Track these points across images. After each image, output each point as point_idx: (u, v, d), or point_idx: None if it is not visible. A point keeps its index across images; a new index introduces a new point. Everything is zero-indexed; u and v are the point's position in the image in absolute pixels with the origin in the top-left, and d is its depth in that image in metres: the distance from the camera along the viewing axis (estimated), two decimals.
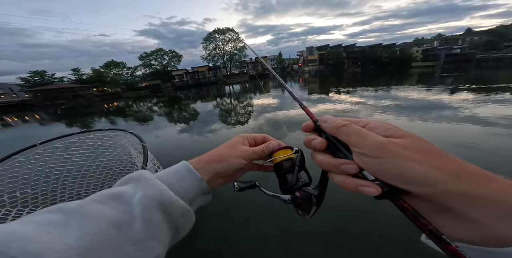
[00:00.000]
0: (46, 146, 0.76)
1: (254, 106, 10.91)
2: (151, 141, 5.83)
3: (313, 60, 66.27)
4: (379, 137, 0.21)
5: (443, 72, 26.70)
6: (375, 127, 0.23)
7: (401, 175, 0.19)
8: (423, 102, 7.69)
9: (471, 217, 0.17)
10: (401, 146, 0.19)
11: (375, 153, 0.20)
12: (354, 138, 0.22)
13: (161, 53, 51.69)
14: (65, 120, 13.44)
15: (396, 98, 9.00)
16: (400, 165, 0.19)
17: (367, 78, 24.36)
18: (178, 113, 11.33)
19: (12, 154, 0.70)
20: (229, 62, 56.72)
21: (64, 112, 19.95)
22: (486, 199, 0.16)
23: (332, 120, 0.26)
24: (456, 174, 0.17)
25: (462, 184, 0.17)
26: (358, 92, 11.85)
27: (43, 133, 9.89)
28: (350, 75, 32.79)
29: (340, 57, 63.95)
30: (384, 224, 1.85)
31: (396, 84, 14.49)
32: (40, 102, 33.56)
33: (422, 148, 0.19)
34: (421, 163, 0.18)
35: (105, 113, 15.87)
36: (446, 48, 61.83)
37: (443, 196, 0.17)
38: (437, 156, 0.19)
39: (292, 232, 1.88)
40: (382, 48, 65.37)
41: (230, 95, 18.96)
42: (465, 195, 0.17)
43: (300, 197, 0.28)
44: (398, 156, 0.19)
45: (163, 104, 17.91)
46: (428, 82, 14.90)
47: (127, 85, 49.09)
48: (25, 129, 11.89)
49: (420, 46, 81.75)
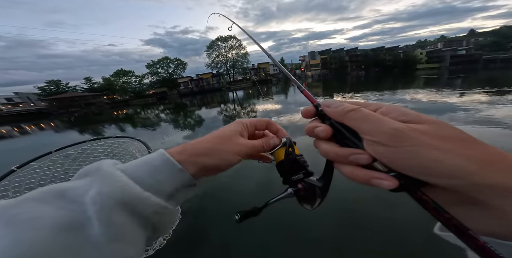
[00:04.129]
0: (61, 153, 0.81)
1: (257, 112, 10.99)
2: (157, 147, 5.94)
3: (315, 64, 66.78)
4: (396, 123, 0.18)
5: (450, 74, 26.10)
6: (389, 111, 0.20)
7: (423, 166, 0.16)
8: (432, 105, 7.49)
9: (505, 210, 0.15)
10: (422, 133, 0.17)
11: (392, 141, 0.17)
12: (365, 124, 0.19)
13: (167, 62, 53.60)
14: (78, 128, 13.99)
15: (403, 101, 8.84)
16: (422, 154, 0.16)
17: (371, 82, 24.15)
18: (183, 120, 11.56)
19: (29, 160, 0.74)
20: (232, 69, 57.98)
21: (77, 119, 20.81)
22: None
23: (338, 104, 0.22)
24: (487, 163, 0.15)
25: (493, 175, 0.15)
26: (363, 95, 11.74)
27: (58, 140, 10.30)
28: (354, 79, 32.64)
29: (343, 61, 64.15)
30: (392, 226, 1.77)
31: (403, 87, 14.27)
32: (55, 110, 35.27)
33: (448, 134, 0.17)
34: (447, 152, 0.16)
35: (115, 120, 16.43)
36: (451, 49, 61.21)
37: (475, 188, 0.15)
38: (468, 143, 0.16)
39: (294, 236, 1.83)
40: (385, 51, 65.04)
41: (234, 102, 19.21)
42: (502, 187, 0.15)
43: (303, 189, 0.27)
44: (420, 144, 0.16)
45: (169, 111, 18.36)
46: (436, 85, 14.57)
47: (135, 93, 50.88)
48: (42, 136, 12.44)
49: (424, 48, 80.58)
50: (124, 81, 50.44)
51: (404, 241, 1.65)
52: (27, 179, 0.67)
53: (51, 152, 0.77)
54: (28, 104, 50.05)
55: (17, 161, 0.68)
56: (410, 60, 60.67)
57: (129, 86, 51.23)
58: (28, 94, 53.39)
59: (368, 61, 61.86)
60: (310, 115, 0.26)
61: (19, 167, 0.70)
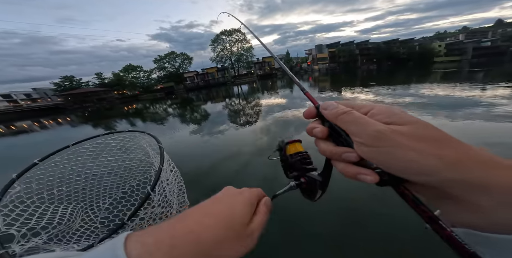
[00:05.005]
0: (77, 147, 0.85)
1: (262, 106, 10.91)
2: (165, 141, 6.11)
3: (323, 58, 64.38)
4: (379, 125, 0.20)
5: (471, 67, 24.35)
6: (378, 113, 0.21)
7: (400, 165, 0.18)
8: (450, 100, 7.08)
9: (473, 204, 0.17)
10: (401, 134, 0.19)
11: (374, 142, 0.19)
12: (354, 126, 0.21)
13: (173, 56, 53.70)
14: (92, 122, 14.62)
15: (418, 95, 8.40)
16: (399, 155, 0.18)
17: (383, 75, 23.08)
18: (190, 115, 11.73)
19: (49, 154, 0.79)
20: (237, 63, 57.19)
21: (91, 114, 21.71)
22: (488, 186, 0.16)
23: (333, 107, 0.24)
24: (456, 162, 0.17)
25: (461, 172, 0.16)
26: (374, 89, 11.27)
27: (74, 134, 10.86)
28: (365, 73, 31.32)
29: (353, 54, 61.27)
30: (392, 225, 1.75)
31: (417, 81, 13.53)
32: (71, 105, 36.91)
33: (424, 135, 0.18)
34: (421, 152, 0.17)
35: (125, 115, 16.98)
36: (473, 41, 56.29)
37: (444, 184, 0.17)
38: (441, 143, 0.18)
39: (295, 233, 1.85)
40: (398, 44, 61.08)
41: (239, 96, 19.13)
42: (466, 182, 0.16)
43: (305, 182, 0.30)
44: (397, 145, 0.18)
45: (176, 106, 18.65)
46: (455, 78, 13.70)
47: (144, 88, 51.93)
48: (60, 130, 13.15)
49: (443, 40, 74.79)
50: (133, 76, 51.47)
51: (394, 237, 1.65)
52: (48, 172, 0.73)
53: (69, 145, 0.81)
54: (46, 100, 52.64)
55: (39, 154, 0.73)
56: (427, 53, 57.11)
57: (138, 81, 52.27)
58: (45, 90, 56.00)
59: (380, 54, 58.69)
60: (311, 116, 0.27)
61: (41, 160, 0.75)
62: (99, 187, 1.00)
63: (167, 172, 0.80)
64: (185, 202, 0.90)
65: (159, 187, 0.64)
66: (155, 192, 0.60)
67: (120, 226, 0.53)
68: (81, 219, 0.88)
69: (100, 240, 0.49)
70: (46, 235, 0.64)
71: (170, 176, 0.81)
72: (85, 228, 0.84)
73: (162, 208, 0.77)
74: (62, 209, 0.82)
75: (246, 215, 0.25)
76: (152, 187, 0.58)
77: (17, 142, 10.63)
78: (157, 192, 0.64)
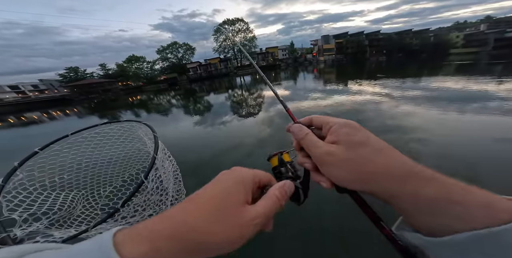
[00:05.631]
0: (76, 136, 0.86)
1: (264, 97, 10.76)
2: (169, 132, 6.19)
3: (329, 49, 61.62)
4: (321, 149, 0.25)
5: (491, 59, 22.97)
6: (333, 131, 0.26)
7: (333, 179, 0.25)
8: (462, 93, 6.79)
9: (402, 208, 0.21)
10: (333, 155, 0.24)
11: (318, 163, 0.26)
12: (307, 150, 0.28)
13: (175, 47, 53.00)
14: (98, 113, 14.88)
15: (428, 89, 8.09)
16: (332, 171, 0.25)
17: (393, 68, 22.14)
18: (193, 106, 11.74)
19: (49, 143, 0.80)
20: (240, 54, 55.93)
21: (97, 105, 22.05)
22: (396, 196, 0.20)
23: (296, 131, 0.30)
24: (368, 177, 0.22)
25: (370, 186, 0.22)
26: (382, 82, 10.89)
27: (81, 125, 11.09)
28: (373, 65, 30.09)
29: (362, 45, 58.23)
30: None
31: (429, 74, 12.94)
32: (77, 96, 37.43)
33: (351, 155, 0.23)
34: (344, 170, 0.23)
35: (130, 106, 17.16)
36: (496, 31, 52.15)
37: (371, 193, 0.22)
38: (364, 160, 0.22)
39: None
40: (412, 35, 57.56)
41: (241, 87, 18.88)
42: (375, 193, 0.22)
43: None
44: (330, 165, 0.24)
45: (180, 97, 18.65)
46: (470, 71, 13.00)
47: (148, 79, 51.80)
48: (69, 121, 13.48)
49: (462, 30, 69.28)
50: (137, 67, 51.23)
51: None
52: (49, 160, 0.75)
53: (68, 135, 0.82)
54: (53, 91, 53.45)
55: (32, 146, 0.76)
56: (442, 44, 54.01)
57: (142, 72, 52.08)
58: (51, 81, 56.58)
59: (391, 46, 55.70)
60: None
61: (41, 148, 0.77)
62: (99, 175, 1.03)
63: (163, 161, 0.81)
64: (181, 190, 0.91)
65: (152, 175, 0.65)
66: (148, 180, 0.61)
67: (114, 211, 0.55)
68: (82, 206, 0.91)
69: (95, 225, 0.51)
70: (47, 220, 0.66)
71: (166, 165, 0.82)
72: (85, 214, 0.88)
73: (160, 195, 0.79)
74: (63, 196, 0.85)
75: (237, 193, 0.21)
76: (146, 175, 0.59)
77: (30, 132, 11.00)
78: (151, 180, 0.65)
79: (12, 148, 6.85)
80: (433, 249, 0.19)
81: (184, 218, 0.19)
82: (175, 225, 0.18)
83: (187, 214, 0.19)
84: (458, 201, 0.17)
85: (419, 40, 55.41)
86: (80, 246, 0.16)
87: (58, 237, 0.53)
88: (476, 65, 17.81)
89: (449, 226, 0.17)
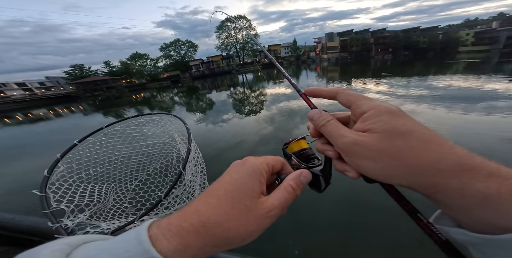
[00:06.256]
0: (109, 129, 0.87)
1: (267, 95, 10.72)
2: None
3: (333, 47, 60.73)
4: (346, 138, 0.22)
5: (502, 57, 22.34)
6: (367, 117, 0.22)
7: (361, 170, 0.22)
8: (469, 92, 6.66)
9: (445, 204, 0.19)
10: (362, 146, 0.21)
11: (343, 152, 0.23)
12: (329, 137, 0.24)
13: (178, 44, 52.75)
14: (103, 111, 15.06)
15: (434, 87, 7.96)
16: (358, 163, 0.22)
17: (398, 66, 21.77)
18: (196, 103, 11.77)
19: (87, 135, 0.81)
20: (242, 51, 55.38)
21: (101, 103, 22.29)
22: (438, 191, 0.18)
23: (316, 117, 0.26)
24: (402, 171, 0.19)
25: (406, 180, 0.19)
26: (386, 81, 10.74)
27: (87, 122, 11.28)
28: (378, 63, 29.63)
29: (367, 43, 57.25)
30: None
31: (436, 73, 12.69)
32: (82, 94, 37.87)
33: (385, 146, 0.20)
34: (376, 162, 0.20)
35: (134, 103, 17.31)
36: (509, 29, 50.27)
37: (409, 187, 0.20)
38: (398, 152, 0.19)
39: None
40: (419, 32, 56.18)
41: (244, 85, 18.82)
42: (414, 188, 0.19)
43: None
44: (356, 156, 0.21)
45: (182, 94, 18.70)
46: (479, 70, 12.69)
47: (151, 77, 51.94)
48: (74, 118, 13.67)
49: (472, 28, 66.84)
50: (140, 64, 51.41)
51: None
52: (85, 153, 0.76)
53: (102, 128, 0.83)
54: (59, 88, 54.13)
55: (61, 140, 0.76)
56: (451, 42, 52.22)
57: (145, 69, 52.23)
58: (57, 78, 57.31)
59: (397, 44, 54.25)
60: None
61: (80, 141, 0.78)
62: (126, 168, 1.04)
63: (193, 153, 0.81)
64: (205, 184, 0.93)
65: (188, 167, 0.67)
66: (186, 171, 0.63)
67: (158, 202, 0.56)
68: (113, 199, 0.92)
69: (140, 216, 0.52)
70: (89, 212, 0.67)
71: (195, 158, 0.83)
72: (116, 207, 0.89)
73: (190, 188, 0.80)
74: (98, 188, 0.86)
75: (252, 186, 0.22)
76: (183, 165, 0.60)
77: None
78: (187, 172, 0.66)
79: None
80: (484, 247, 0.17)
81: (208, 213, 0.20)
82: (201, 221, 0.19)
83: (211, 209, 0.20)
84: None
85: (427, 38, 54.19)
86: (120, 237, 0.18)
87: (105, 228, 0.53)
88: (486, 63, 17.35)
89: (509, 224, 0.16)
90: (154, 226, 0.19)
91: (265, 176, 0.24)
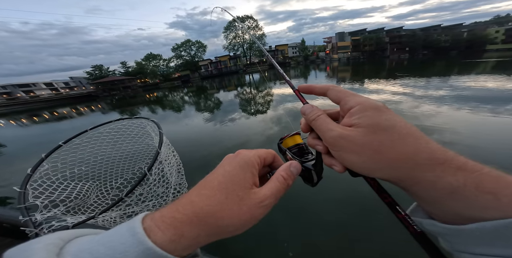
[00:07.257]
0: (94, 131, 0.94)
1: (273, 95, 10.64)
2: (181, 128, 6.42)
3: (344, 46, 58.64)
4: (333, 132, 0.23)
5: None
6: (354, 112, 0.23)
7: (346, 164, 0.23)
8: (496, 93, 6.09)
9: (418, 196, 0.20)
10: (348, 140, 0.22)
11: (330, 146, 0.24)
12: (319, 131, 0.25)
13: (189, 44, 54.35)
14: (119, 109, 15.92)
15: (456, 88, 7.39)
16: (344, 156, 0.22)
17: (416, 66, 20.55)
18: (204, 103, 12.02)
19: (71, 137, 0.89)
20: (249, 51, 55.47)
21: (118, 102, 23.60)
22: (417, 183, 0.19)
23: (308, 112, 0.27)
24: (382, 164, 0.20)
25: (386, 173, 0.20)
26: (402, 81, 10.18)
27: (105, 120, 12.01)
28: (394, 63, 28.18)
29: (381, 42, 54.57)
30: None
31: (459, 73, 11.78)
32: (101, 93, 40.35)
33: (369, 139, 0.21)
34: (360, 155, 0.21)
35: (147, 103, 18.11)
36: None
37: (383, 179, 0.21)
38: (382, 146, 0.20)
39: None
40: (440, 30, 52.46)
41: (250, 85, 18.83)
42: (393, 181, 0.21)
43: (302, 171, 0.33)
44: (343, 150, 0.22)
45: (192, 94, 19.18)
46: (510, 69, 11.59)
47: (164, 76, 53.92)
48: (94, 116, 14.63)
49: (503, 25, 60.06)
50: (154, 64, 53.67)
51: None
52: (70, 153, 0.84)
53: (87, 130, 0.91)
54: (81, 88, 58.17)
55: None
56: (478, 40, 48.14)
57: (158, 69, 54.39)
58: (80, 78, 61.69)
59: (415, 42, 50.80)
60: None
61: (65, 142, 0.86)
62: (112, 168, 1.11)
63: (168, 156, 0.86)
64: (183, 184, 0.97)
65: (156, 168, 0.71)
66: (151, 172, 0.67)
67: (119, 200, 0.60)
68: (95, 196, 0.99)
69: (101, 212, 0.56)
70: (64, 207, 0.74)
71: (170, 159, 0.88)
72: (97, 203, 0.96)
73: (165, 188, 0.85)
74: (80, 185, 0.93)
75: (244, 177, 0.23)
76: (149, 167, 0.64)
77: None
78: (154, 172, 0.70)
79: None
80: (451, 237, 0.19)
81: (201, 204, 0.20)
82: (194, 211, 0.20)
83: (204, 199, 0.21)
84: (489, 190, 0.16)
85: (449, 36, 50.47)
86: (112, 230, 0.18)
87: (70, 222, 0.58)
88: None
89: (473, 214, 0.17)
90: (147, 219, 0.19)
91: (257, 168, 0.25)
